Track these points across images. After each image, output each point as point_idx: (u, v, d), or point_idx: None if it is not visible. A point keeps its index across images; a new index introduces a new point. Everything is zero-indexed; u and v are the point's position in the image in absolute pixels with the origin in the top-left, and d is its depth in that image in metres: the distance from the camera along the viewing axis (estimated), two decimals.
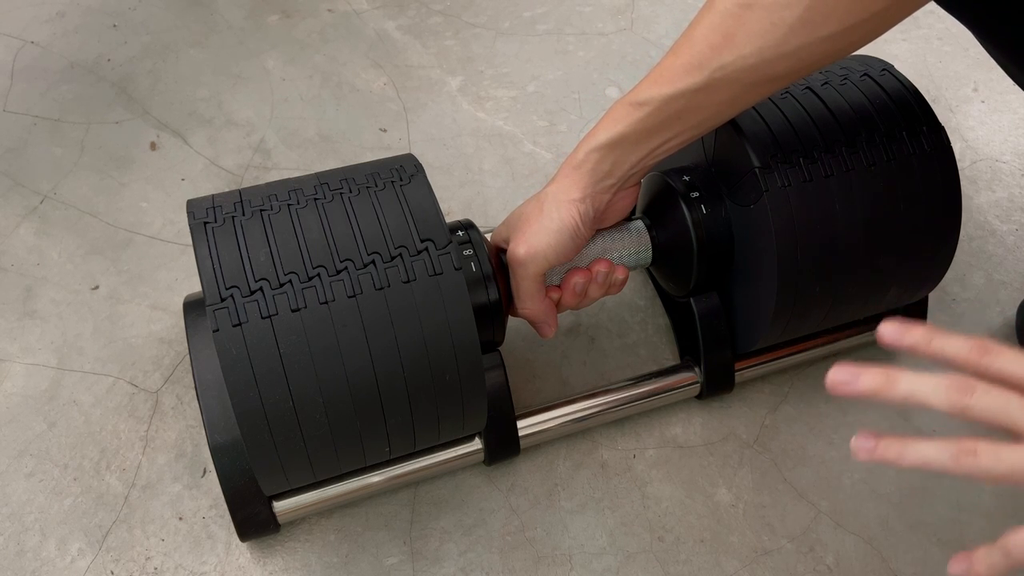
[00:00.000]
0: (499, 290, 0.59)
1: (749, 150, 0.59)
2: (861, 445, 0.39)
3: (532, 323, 0.62)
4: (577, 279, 0.61)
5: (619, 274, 0.63)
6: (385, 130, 0.91)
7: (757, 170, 0.58)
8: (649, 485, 0.69)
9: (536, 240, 0.57)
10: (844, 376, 0.39)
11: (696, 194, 0.64)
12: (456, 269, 0.51)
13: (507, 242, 0.60)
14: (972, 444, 0.38)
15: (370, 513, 0.66)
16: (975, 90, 0.98)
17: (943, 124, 0.63)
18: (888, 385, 0.38)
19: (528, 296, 0.60)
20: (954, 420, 0.74)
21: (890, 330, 0.40)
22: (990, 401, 0.37)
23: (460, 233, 0.60)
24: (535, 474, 0.69)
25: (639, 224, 0.65)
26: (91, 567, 0.63)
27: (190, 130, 0.89)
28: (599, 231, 0.64)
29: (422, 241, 0.52)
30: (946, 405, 0.38)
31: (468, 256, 0.58)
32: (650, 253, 0.65)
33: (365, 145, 0.89)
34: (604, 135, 0.55)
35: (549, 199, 0.58)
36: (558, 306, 0.62)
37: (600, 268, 0.61)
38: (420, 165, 0.56)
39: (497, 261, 0.61)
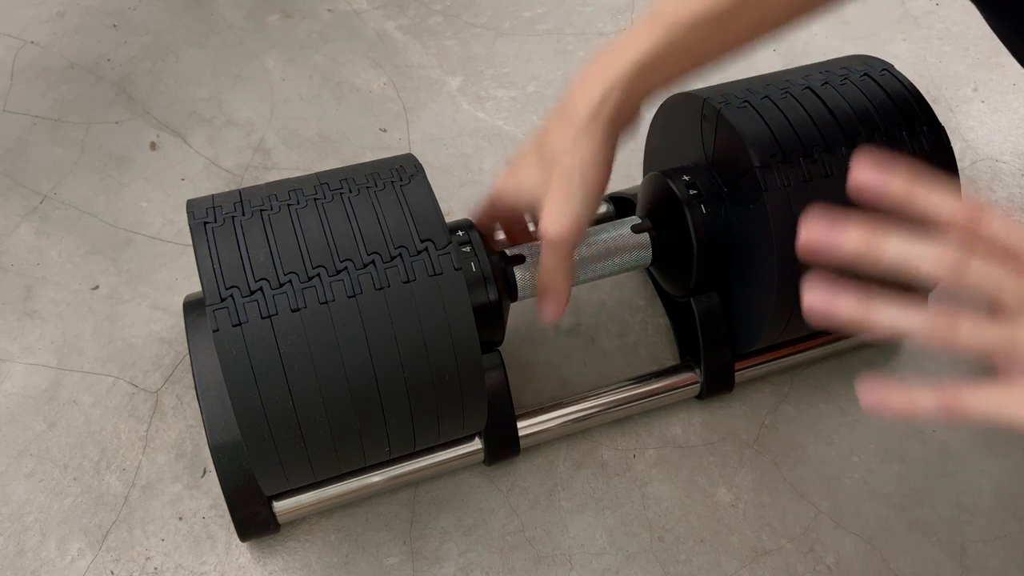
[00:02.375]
0: (499, 290, 0.59)
1: (749, 149, 0.59)
2: (814, 298, 0.36)
3: (543, 298, 0.58)
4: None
5: None
6: (385, 130, 0.91)
7: (757, 169, 0.58)
8: (649, 485, 0.69)
9: (566, 212, 0.52)
10: (821, 232, 0.35)
11: (696, 193, 0.64)
12: (456, 269, 0.51)
13: (511, 218, 0.57)
14: (953, 315, 0.35)
15: (370, 513, 0.66)
16: (975, 90, 0.98)
17: (943, 124, 0.63)
18: (874, 247, 0.35)
19: (560, 275, 0.56)
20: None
21: (866, 172, 0.36)
22: (984, 273, 0.34)
23: (460, 233, 0.60)
24: (535, 474, 0.69)
25: (638, 224, 0.65)
26: (91, 567, 0.63)
27: (190, 130, 0.89)
28: (597, 229, 0.64)
29: (422, 241, 0.52)
30: (937, 273, 0.35)
31: (468, 256, 0.58)
32: (650, 253, 0.65)
33: (365, 145, 0.89)
34: (626, 59, 0.48)
35: (575, 163, 0.51)
36: None
37: None
38: (420, 165, 0.56)
39: (496, 258, 0.61)
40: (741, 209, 0.62)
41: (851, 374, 0.76)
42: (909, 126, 0.61)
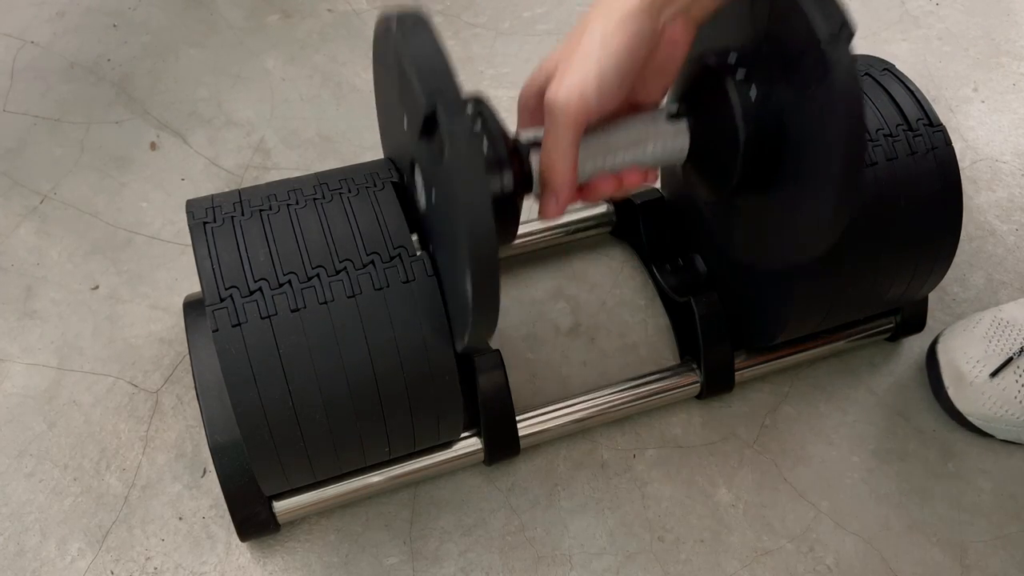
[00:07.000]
0: (514, 178, 0.51)
1: (813, 19, 0.47)
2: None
3: (544, 189, 0.51)
4: (605, 188, 0.53)
5: (650, 179, 0.54)
6: None
7: (823, 43, 0.47)
8: (649, 485, 0.69)
9: (575, 77, 0.46)
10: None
11: (745, 75, 0.53)
12: None
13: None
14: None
15: (370, 513, 0.66)
16: (975, 90, 0.98)
17: (943, 124, 0.63)
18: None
19: (559, 153, 0.49)
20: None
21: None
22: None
23: (469, 108, 0.49)
24: (535, 474, 0.69)
25: (675, 111, 0.55)
26: (91, 567, 0.63)
27: (190, 130, 0.89)
28: (626, 118, 0.54)
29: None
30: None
31: (478, 137, 0.50)
32: (687, 143, 0.55)
33: (365, 145, 0.89)
34: None
35: (594, 18, 0.46)
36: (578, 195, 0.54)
37: (632, 180, 0.53)
38: None
39: (513, 143, 0.53)
40: (798, 94, 0.51)
41: (851, 374, 0.76)
42: (909, 126, 0.61)
